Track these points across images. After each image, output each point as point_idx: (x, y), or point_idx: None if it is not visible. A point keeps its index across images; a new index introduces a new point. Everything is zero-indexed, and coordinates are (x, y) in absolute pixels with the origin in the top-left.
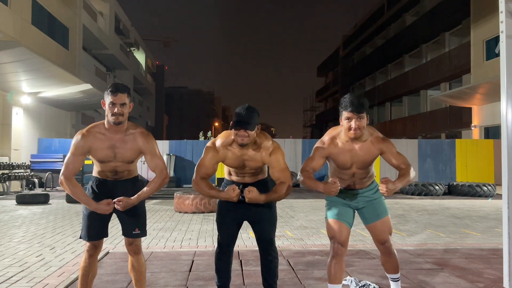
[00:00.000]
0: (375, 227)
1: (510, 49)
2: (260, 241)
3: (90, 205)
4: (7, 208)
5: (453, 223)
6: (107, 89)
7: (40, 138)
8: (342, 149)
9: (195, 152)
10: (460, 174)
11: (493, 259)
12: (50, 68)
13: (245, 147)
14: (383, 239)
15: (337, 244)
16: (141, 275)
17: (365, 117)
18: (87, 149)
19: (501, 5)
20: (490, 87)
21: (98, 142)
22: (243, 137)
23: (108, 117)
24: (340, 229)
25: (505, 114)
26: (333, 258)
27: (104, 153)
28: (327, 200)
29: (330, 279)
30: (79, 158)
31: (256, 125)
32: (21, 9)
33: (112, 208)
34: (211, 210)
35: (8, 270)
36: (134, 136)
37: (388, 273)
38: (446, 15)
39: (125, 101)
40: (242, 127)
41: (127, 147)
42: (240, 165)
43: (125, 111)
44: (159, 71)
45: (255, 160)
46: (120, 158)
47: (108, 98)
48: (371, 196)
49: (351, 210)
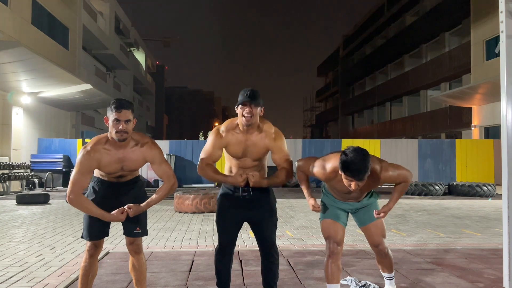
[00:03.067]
0: (368, 230)
1: (510, 49)
2: (261, 243)
3: (105, 217)
4: (7, 208)
5: (453, 223)
6: (111, 105)
7: (40, 138)
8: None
9: (195, 152)
10: (460, 174)
11: (493, 259)
12: (50, 68)
13: (249, 132)
14: (376, 242)
15: (333, 243)
16: (141, 274)
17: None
18: (94, 167)
19: (501, 5)
20: (490, 87)
21: (104, 159)
22: (249, 113)
23: (112, 134)
24: (336, 229)
25: (505, 114)
26: (330, 258)
27: (112, 168)
28: (322, 201)
29: (328, 279)
30: (86, 176)
31: (261, 105)
32: (21, 9)
33: (126, 216)
34: (211, 210)
35: (8, 270)
36: (139, 149)
37: (382, 272)
38: (446, 15)
39: (129, 118)
40: (247, 102)
41: (133, 159)
42: (243, 152)
43: (130, 128)
44: (159, 71)
45: (258, 146)
46: (127, 170)
47: (112, 115)
48: (365, 202)
49: (346, 213)
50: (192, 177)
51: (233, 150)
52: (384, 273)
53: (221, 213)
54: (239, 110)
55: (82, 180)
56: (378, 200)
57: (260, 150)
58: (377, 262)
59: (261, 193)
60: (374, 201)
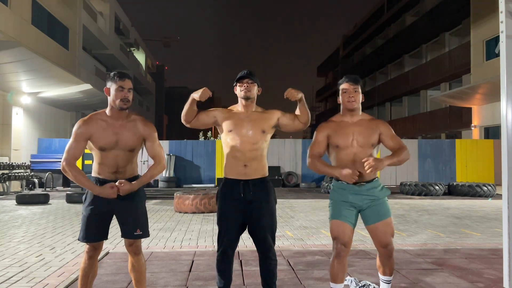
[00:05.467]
0: (376, 228)
1: (510, 49)
2: (259, 245)
3: (94, 189)
4: (7, 208)
5: (453, 223)
6: (112, 76)
7: (40, 138)
8: (340, 126)
9: (195, 152)
10: (460, 174)
11: (493, 259)
12: (50, 68)
13: (249, 109)
14: (385, 242)
15: (340, 244)
16: (141, 275)
17: (359, 91)
18: (88, 135)
19: (501, 5)
20: (490, 87)
21: (100, 128)
22: (247, 86)
23: (115, 102)
24: (344, 230)
25: (505, 114)
26: (335, 258)
27: (106, 140)
28: (331, 199)
29: (332, 278)
30: (80, 144)
31: (258, 84)
32: (21, 9)
33: (116, 191)
34: (211, 210)
35: (8, 270)
36: (135, 123)
37: (383, 275)
38: (446, 15)
39: (131, 87)
40: (245, 78)
41: (129, 133)
42: (246, 126)
43: (131, 97)
44: (159, 71)
45: (264, 118)
46: (122, 145)
47: (115, 84)
48: (376, 195)
49: (354, 211)
50: (192, 177)
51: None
52: (385, 276)
53: (222, 215)
54: (238, 87)
55: (75, 148)
56: (386, 199)
57: (265, 122)
58: (380, 264)
59: (261, 194)
60: (383, 196)
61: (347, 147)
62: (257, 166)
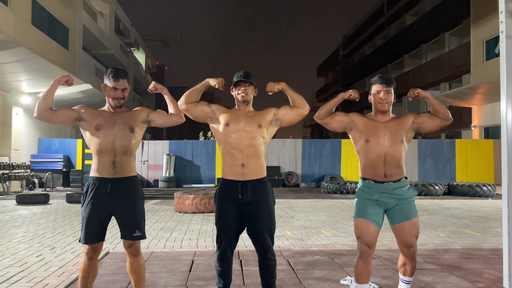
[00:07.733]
0: (402, 228)
1: (510, 49)
2: (258, 246)
3: (52, 84)
4: (7, 208)
5: (453, 223)
6: (108, 74)
7: (40, 138)
8: (372, 123)
9: (195, 152)
10: (460, 174)
11: (493, 259)
12: (50, 68)
13: (246, 109)
14: (409, 243)
15: (364, 245)
16: (140, 276)
17: (392, 93)
18: (83, 112)
19: (501, 5)
20: (490, 87)
21: (97, 112)
22: (244, 89)
23: (109, 100)
24: (368, 229)
25: (505, 114)
26: (359, 259)
27: (103, 118)
28: (357, 198)
29: (357, 278)
30: (68, 110)
31: (254, 85)
32: (21, 9)
33: (67, 78)
34: (211, 210)
35: (8, 270)
36: (131, 111)
37: (403, 275)
38: (446, 15)
39: (125, 86)
40: (242, 81)
41: (126, 114)
42: (243, 121)
43: (126, 95)
44: (159, 71)
45: (260, 114)
46: (121, 122)
47: (109, 83)
48: (402, 194)
49: (381, 211)
50: (192, 177)
51: (233, 118)
52: (405, 277)
53: (221, 216)
54: (235, 91)
55: (63, 108)
56: (413, 199)
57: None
58: (401, 264)
59: (259, 195)
60: (411, 196)
61: (377, 144)
62: (255, 165)
